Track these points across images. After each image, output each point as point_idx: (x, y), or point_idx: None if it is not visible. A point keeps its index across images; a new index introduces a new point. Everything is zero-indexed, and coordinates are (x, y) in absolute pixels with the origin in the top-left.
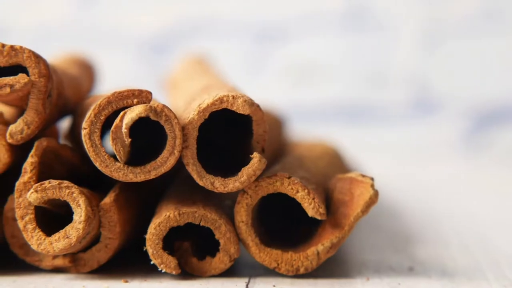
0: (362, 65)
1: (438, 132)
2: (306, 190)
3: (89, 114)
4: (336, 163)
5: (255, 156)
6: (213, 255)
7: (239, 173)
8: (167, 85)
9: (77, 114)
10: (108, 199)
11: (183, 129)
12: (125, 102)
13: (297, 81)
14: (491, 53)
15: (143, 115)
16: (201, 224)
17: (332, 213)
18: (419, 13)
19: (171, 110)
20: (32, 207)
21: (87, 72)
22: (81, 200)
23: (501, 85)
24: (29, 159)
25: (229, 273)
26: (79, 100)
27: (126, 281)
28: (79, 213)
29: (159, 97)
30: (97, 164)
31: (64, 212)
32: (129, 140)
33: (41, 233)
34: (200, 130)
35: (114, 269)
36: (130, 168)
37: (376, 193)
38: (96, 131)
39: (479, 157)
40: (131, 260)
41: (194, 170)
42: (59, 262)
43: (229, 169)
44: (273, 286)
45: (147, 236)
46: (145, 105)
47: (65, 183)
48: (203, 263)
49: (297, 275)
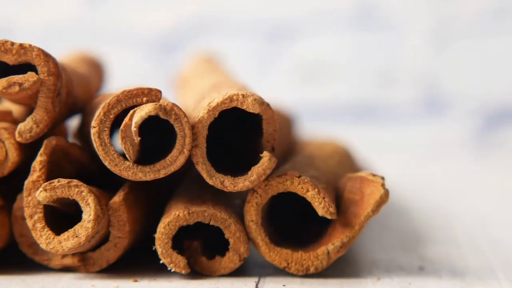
0: (372, 63)
1: (447, 131)
2: (316, 189)
3: (98, 113)
4: (346, 162)
5: (265, 155)
6: (222, 254)
7: (249, 172)
8: (176, 83)
9: (86, 112)
10: (117, 198)
11: (192, 127)
12: (134, 101)
13: (306, 80)
14: (500, 52)
15: (152, 113)
16: (211, 223)
17: (342, 213)
18: (428, 12)
19: (180, 109)
20: (41, 206)
21: (96, 70)
22: (90, 199)
23: (511, 84)
24: (38, 157)
25: (238, 272)
26: (88, 99)
27: (136, 281)
28: (88, 212)
29: (169, 96)
30: (106, 163)
31: (73, 211)
32: (139, 139)
33: (50, 232)
34: (210, 129)
35: (123, 269)
36: (139, 167)
37: (386, 192)
38: (106, 129)
39: (489, 156)
40: (140, 259)
41: (204, 169)
42: (68, 261)
43: (238, 168)
44: (283, 285)
45: (157, 235)
46: (154, 103)
47: (74, 182)
48: (212, 262)
49: (307, 275)
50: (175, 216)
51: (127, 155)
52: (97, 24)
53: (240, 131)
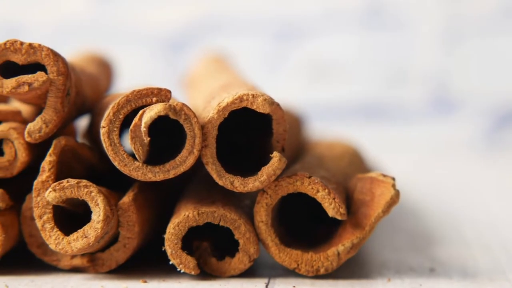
0: (382, 63)
1: (457, 131)
2: (326, 190)
3: (107, 113)
4: (356, 162)
5: (275, 155)
6: (232, 255)
7: (259, 173)
8: (185, 83)
9: (95, 112)
10: (126, 199)
11: (202, 128)
12: (144, 101)
13: (316, 79)
14: (511, 51)
15: (162, 113)
16: (221, 224)
17: (352, 213)
18: (439, 11)
19: (190, 109)
20: (50, 206)
21: (106, 70)
22: (100, 200)
23: None
24: (47, 157)
25: (248, 273)
26: (97, 99)
27: (145, 281)
28: (98, 212)
29: (178, 96)
30: (115, 163)
31: (82, 212)
32: (148, 139)
33: (59, 232)
34: (220, 129)
35: (133, 269)
36: (149, 167)
37: (397, 193)
38: (115, 129)
39: (499, 156)
40: (149, 260)
41: (214, 169)
42: (77, 262)
43: (248, 168)
44: (293, 287)
45: (166, 236)
46: (164, 103)
47: (84, 182)
48: (222, 263)
49: (317, 276)
50: (184, 217)
51: (136, 155)
52: (106, 24)
53: (249, 131)
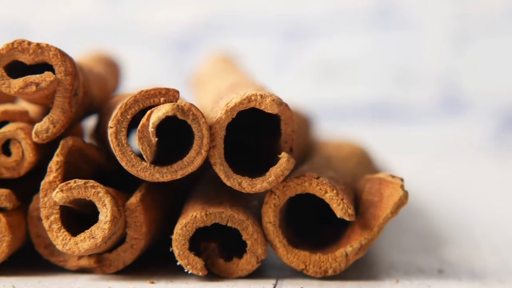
0: (390, 63)
1: (467, 131)
2: (334, 191)
3: (115, 113)
4: (364, 163)
5: (283, 156)
6: (240, 256)
7: (267, 173)
8: (193, 83)
9: (103, 112)
10: (134, 199)
11: (210, 128)
12: (151, 101)
13: (324, 80)
14: None
15: (170, 114)
16: (228, 224)
17: (361, 214)
18: (448, 11)
19: (198, 109)
20: (58, 207)
21: (113, 70)
22: (107, 200)
23: None
24: (55, 158)
25: (256, 274)
26: (105, 99)
27: (152, 282)
28: (105, 213)
29: (186, 96)
30: (123, 164)
31: (90, 212)
32: (156, 139)
33: (66, 233)
34: (228, 129)
35: (140, 270)
36: (156, 167)
37: (406, 194)
38: (123, 130)
39: (508, 156)
40: (157, 261)
41: (221, 170)
42: (84, 262)
43: (256, 169)
44: None
45: (173, 237)
46: (172, 104)
47: (91, 182)
48: (230, 264)
49: (325, 277)
50: (192, 217)
51: (144, 156)
52: (113, 24)
53: (257, 131)
